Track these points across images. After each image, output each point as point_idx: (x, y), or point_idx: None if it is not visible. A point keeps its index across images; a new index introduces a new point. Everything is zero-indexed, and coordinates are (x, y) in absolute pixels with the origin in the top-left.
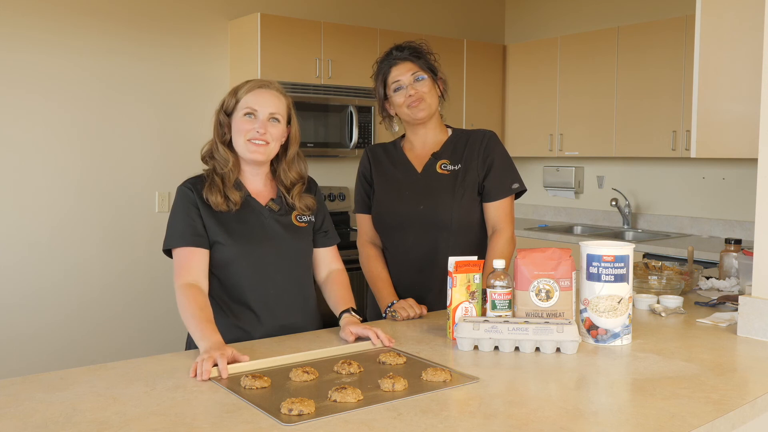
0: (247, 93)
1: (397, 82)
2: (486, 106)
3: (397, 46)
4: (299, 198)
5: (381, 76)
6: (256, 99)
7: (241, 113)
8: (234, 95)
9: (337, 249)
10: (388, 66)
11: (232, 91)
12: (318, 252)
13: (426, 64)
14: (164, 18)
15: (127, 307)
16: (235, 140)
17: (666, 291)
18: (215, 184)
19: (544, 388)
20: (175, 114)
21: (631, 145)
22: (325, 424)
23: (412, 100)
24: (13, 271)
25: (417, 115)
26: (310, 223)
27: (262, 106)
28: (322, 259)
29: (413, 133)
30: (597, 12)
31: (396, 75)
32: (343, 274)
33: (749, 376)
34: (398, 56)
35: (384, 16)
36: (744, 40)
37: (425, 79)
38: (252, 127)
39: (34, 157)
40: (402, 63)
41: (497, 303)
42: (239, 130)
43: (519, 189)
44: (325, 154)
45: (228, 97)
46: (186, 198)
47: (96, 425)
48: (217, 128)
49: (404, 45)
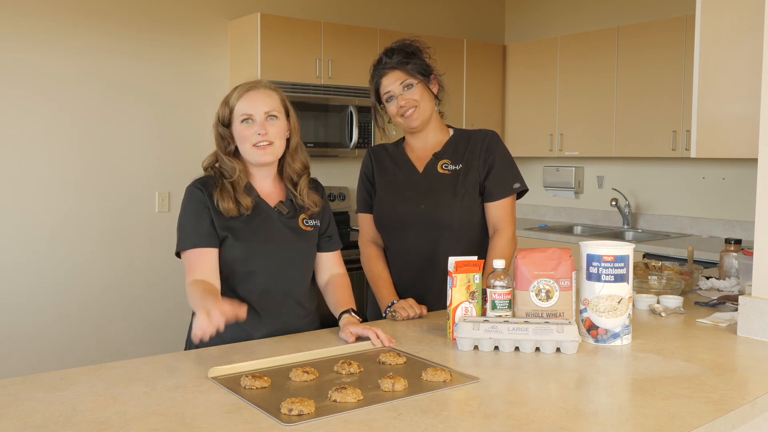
0: (238, 100)
1: (388, 92)
2: (486, 106)
3: (387, 50)
4: (307, 193)
5: (373, 86)
6: (249, 103)
7: (238, 121)
8: (226, 105)
9: (340, 254)
10: (378, 76)
11: (224, 102)
12: (321, 256)
13: (416, 68)
14: (164, 18)
15: (127, 307)
16: (240, 148)
17: (666, 291)
18: (226, 190)
19: (544, 388)
20: (175, 114)
21: (631, 145)
22: (325, 424)
23: (404, 110)
24: (13, 271)
25: (410, 124)
26: (316, 228)
27: (256, 108)
28: (325, 264)
29: (413, 137)
30: (597, 12)
31: (386, 85)
32: (345, 278)
33: (749, 376)
34: (387, 64)
35: (384, 16)
36: (744, 40)
37: (415, 87)
38: (252, 131)
39: (34, 157)
40: (391, 72)
41: (497, 303)
42: (241, 137)
43: (520, 189)
44: (325, 154)
45: (221, 109)
46: (195, 198)
47: (96, 425)
48: (219, 141)
49: (395, 48)
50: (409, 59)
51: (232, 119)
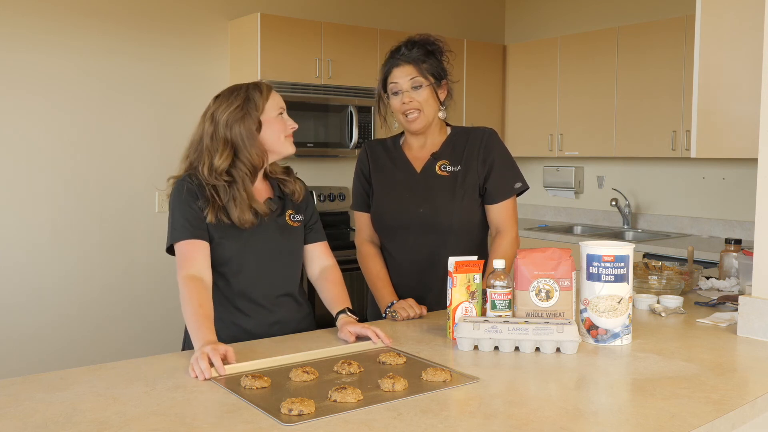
0: (267, 99)
1: (395, 84)
2: (486, 106)
3: (408, 40)
4: (295, 181)
5: (383, 73)
6: (278, 99)
7: (274, 113)
8: (254, 107)
9: (327, 245)
10: (391, 65)
11: (253, 105)
12: (309, 248)
13: (431, 68)
14: (164, 18)
15: (127, 307)
16: (273, 140)
17: (666, 291)
18: (241, 199)
19: (544, 388)
20: (175, 114)
21: (631, 145)
22: (325, 424)
23: (407, 108)
24: (13, 271)
25: (411, 127)
26: (302, 222)
27: (282, 103)
28: (314, 255)
29: (412, 137)
30: (597, 12)
31: (396, 77)
32: (336, 270)
33: (749, 376)
34: (403, 56)
35: (384, 16)
36: (744, 40)
37: (423, 89)
38: (286, 124)
39: (34, 157)
40: (404, 66)
41: (497, 303)
42: (278, 130)
43: (522, 188)
44: (325, 154)
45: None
46: (184, 191)
47: (96, 425)
48: (242, 146)
49: (416, 41)
50: (427, 58)
51: (264, 111)
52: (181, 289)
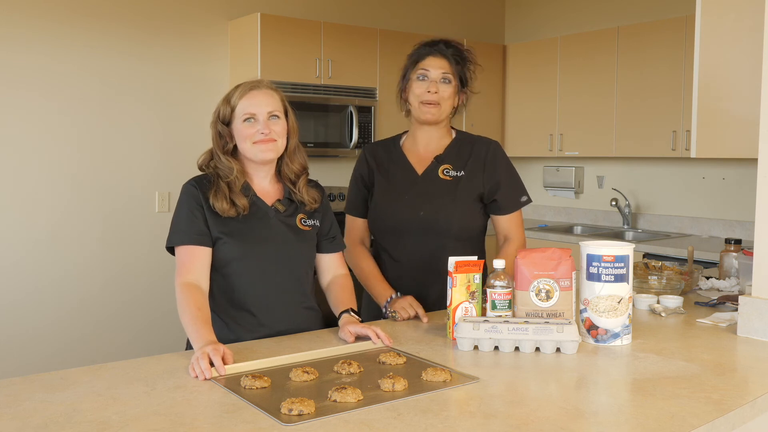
0: (240, 98)
1: (425, 71)
2: (486, 106)
3: (444, 40)
4: (306, 190)
5: (414, 57)
6: (252, 102)
7: (240, 120)
8: (228, 103)
9: (342, 255)
10: (426, 52)
11: (225, 100)
12: (323, 257)
13: (460, 72)
14: (164, 18)
15: (127, 307)
16: (241, 146)
17: (666, 291)
18: (221, 191)
19: (544, 388)
20: (175, 114)
21: (631, 145)
22: (325, 424)
23: (429, 98)
24: (13, 271)
25: (423, 116)
26: (315, 228)
27: (259, 107)
28: (328, 265)
29: (419, 129)
30: (597, 12)
31: (428, 63)
32: (348, 279)
33: (749, 376)
34: (441, 49)
35: (384, 16)
36: (744, 40)
37: (450, 85)
38: (255, 130)
39: (34, 157)
40: (440, 58)
41: (497, 303)
42: (243, 136)
43: (527, 202)
44: (325, 154)
45: (222, 106)
46: (191, 196)
47: (96, 425)
48: (216, 140)
49: (453, 44)
50: (460, 61)
51: (233, 118)
52: (178, 295)
